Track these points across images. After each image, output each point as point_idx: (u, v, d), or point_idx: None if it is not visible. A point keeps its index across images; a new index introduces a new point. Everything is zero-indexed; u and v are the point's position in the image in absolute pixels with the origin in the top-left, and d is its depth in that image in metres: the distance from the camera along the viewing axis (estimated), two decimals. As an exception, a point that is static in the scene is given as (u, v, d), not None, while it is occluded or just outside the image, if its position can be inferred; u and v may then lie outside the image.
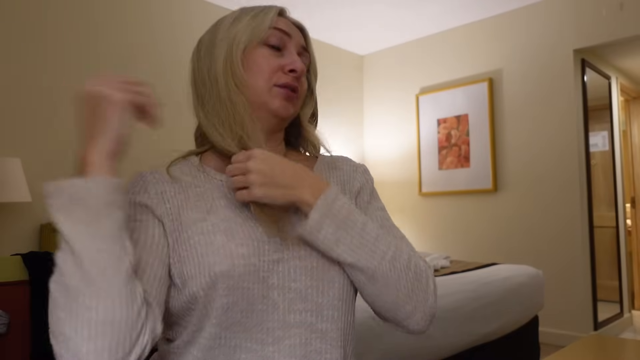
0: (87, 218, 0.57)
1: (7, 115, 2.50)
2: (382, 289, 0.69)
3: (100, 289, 0.56)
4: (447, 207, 4.03)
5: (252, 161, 0.68)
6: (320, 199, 0.69)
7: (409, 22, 3.98)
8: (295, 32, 0.80)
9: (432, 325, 1.90)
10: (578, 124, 3.44)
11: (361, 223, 0.70)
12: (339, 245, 0.68)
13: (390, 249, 0.70)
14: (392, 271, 0.69)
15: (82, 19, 2.83)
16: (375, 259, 0.69)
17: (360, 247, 0.68)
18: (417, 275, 0.71)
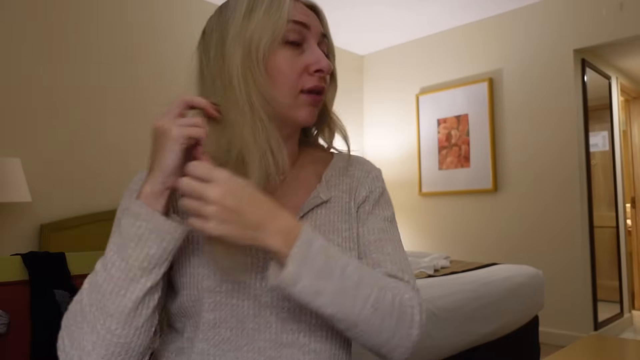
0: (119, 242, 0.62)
1: (7, 115, 2.50)
2: (363, 333, 0.63)
3: (126, 323, 0.60)
4: (447, 207, 4.02)
5: (213, 189, 0.57)
6: (295, 247, 0.59)
7: (409, 23, 3.98)
8: (312, 19, 0.72)
9: (432, 325, 1.91)
10: (578, 124, 3.44)
11: (341, 268, 0.61)
12: (318, 297, 0.60)
13: (373, 291, 0.63)
14: (374, 316, 0.62)
15: (82, 19, 2.83)
16: (356, 307, 0.61)
17: (341, 296, 0.60)
18: (401, 312, 0.65)
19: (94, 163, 2.77)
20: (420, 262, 2.73)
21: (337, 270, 0.61)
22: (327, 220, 0.73)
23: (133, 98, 2.98)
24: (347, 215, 0.75)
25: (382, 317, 0.63)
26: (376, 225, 0.75)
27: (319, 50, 0.71)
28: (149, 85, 3.05)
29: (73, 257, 1.59)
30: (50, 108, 2.66)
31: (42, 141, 2.62)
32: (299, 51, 0.70)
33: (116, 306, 0.59)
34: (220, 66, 0.68)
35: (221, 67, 0.68)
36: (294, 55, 0.69)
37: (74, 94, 2.75)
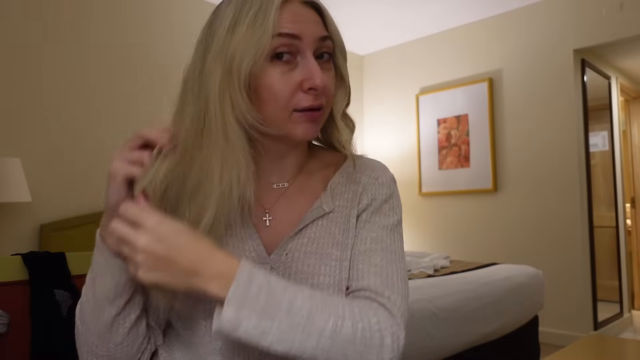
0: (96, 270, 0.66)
1: (7, 115, 2.50)
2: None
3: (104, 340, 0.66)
4: (447, 207, 4.02)
5: (140, 236, 0.55)
6: (231, 290, 0.55)
7: (409, 22, 3.97)
8: (306, 22, 0.65)
9: (432, 325, 1.91)
10: (578, 124, 3.44)
11: (287, 302, 0.56)
12: (266, 337, 0.55)
13: (329, 321, 0.57)
14: (334, 346, 0.57)
15: (82, 20, 2.83)
16: (311, 341, 0.56)
17: (290, 333, 0.56)
18: (366, 339, 0.59)
19: (94, 163, 2.77)
20: (420, 262, 2.73)
21: (283, 307, 0.56)
22: (327, 233, 0.70)
23: (133, 98, 2.98)
24: (347, 225, 0.71)
25: (344, 347, 0.58)
26: (370, 234, 0.70)
27: (314, 63, 0.64)
28: (149, 85, 3.05)
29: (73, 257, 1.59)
30: (50, 108, 2.66)
31: (42, 141, 2.62)
32: (291, 66, 0.64)
33: (94, 325, 0.65)
34: (199, 84, 0.63)
35: (200, 85, 0.63)
36: (284, 71, 0.63)
37: (74, 94, 2.75)
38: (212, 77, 0.62)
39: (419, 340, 1.85)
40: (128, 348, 0.66)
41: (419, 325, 1.87)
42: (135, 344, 0.66)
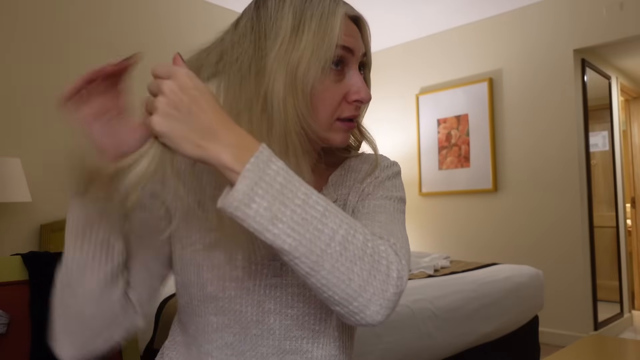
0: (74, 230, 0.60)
1: (7, 115, 2.50)
2: (329, 279, 0.53)
3: (77, 291, 0.60)
4: (447, 207, 4.02)
5: (168, 82, 0.52)
6: (250, 163, 0.51)
7: (409, 22, 3.98)
8: (356, 37, 0.67)
9: (432, 325, 1.91)
10: (578, 124, 3.44)
11: (303, 194, 0.53)
12: (276, 224, 0.51)
13: (341, 227, 0.54)
14: (342, 257, 0.53)
15: (83, 19, 2.83)
16: (321, 241, 0.52)
17: (303, 226, 0.52)
18: (374, 260, 0.55)
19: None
20: (420, 262, 2.73)
21: (299, 196, 0.52)
22: None
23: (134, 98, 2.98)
24: (349, 210, 0.72)
25: (352, 260, 0.54)
26: (373, 202, 0.69)
27: (360, 77, 0.67)
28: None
29: (73, 257, 1.58)
30: (50, 108, 2.66)
31: (42, 141, 2.62)
32: (340, 77, 0.66)
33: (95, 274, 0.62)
34: (257, 81, 0.62)
35: (258, 83, 0.62)
36: (334, 81, 0.65)
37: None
38: (275, 78, 0.61)
39: (419, 340, 1.85)
40: (119, 308, 0.63)
41: (419, 325, 1.87)
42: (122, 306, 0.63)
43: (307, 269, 0.53)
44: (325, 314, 0.68)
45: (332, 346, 0.69)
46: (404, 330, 1.81)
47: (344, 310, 0.56)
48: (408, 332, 1.82)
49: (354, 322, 0.56)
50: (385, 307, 0.56)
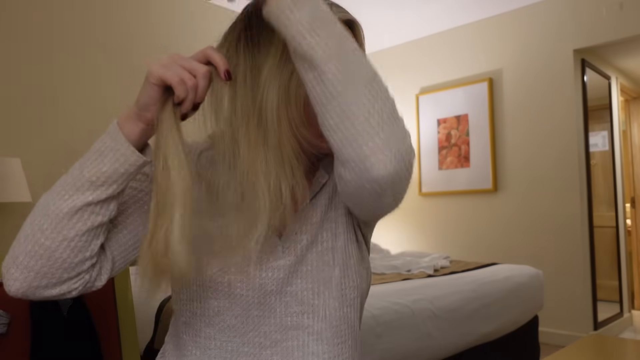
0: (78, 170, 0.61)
1: (7, 115, 2.50)
2: (350, 106, 0.53)
3: (57, 227, 0.59)
4: (447, 207, 4.03)
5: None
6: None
7: (409, 23, 3.98)
8: None
9: (432, 325, 1.91)
10: (578, 124, 3.44)
11: (340, 29, 0.56)
12: (313, 36, 0.54)
13: (370, 68, 0.57)
14: (367, 89, 0.54)
15: (83, 19, 2.83)
16: (351, 66, 0.54)
17: (337, 45, 0.54)
18: (393, 108, 0.56)
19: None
20: (420, 262, 2.73)
21: (338, 27, 0.56)
22: (327, 199, 0.73)
23: (134, 98, 2.98)
24: None
25: (375, 96, 0.55)
26: None
27: None
28: (149, 85, 3.05)
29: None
30: (50, 108, 2.66)
31: (42, 141, 2.62)
32: None
33: (54, 207, 0.59)
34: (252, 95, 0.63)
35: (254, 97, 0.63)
36: None
37: (74, 94, 2.75)
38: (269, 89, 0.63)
39: (419, 340, 1.85)
40: (73, 250, 0.60)
41: (419, 325, 1.87)
42: (80, 253, 0.60)
43: (332, 88, 0.53)
44: (323, 287, 0.69)
45: (330, 316, 0.69)
46: (404, 330, 1.81)
47: (357, 152, 0.54)
48: (408, 332, 1.82)
49: (364, 170, 0.54)
50: (399, 158, 0.54)
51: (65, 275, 0.60)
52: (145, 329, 1.89)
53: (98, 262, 0.64)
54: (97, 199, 0.59)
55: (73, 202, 0.59)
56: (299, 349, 0.67)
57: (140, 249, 0.61)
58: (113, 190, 0.60)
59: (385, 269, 2.58)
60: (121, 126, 0.61)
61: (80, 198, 0.59)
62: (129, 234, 0.68)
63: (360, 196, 0.58)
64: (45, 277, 0.59)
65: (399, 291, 1.98)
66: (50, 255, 0.59)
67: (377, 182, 0.54)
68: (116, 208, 0.63)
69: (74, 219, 0.59)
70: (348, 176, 0.56)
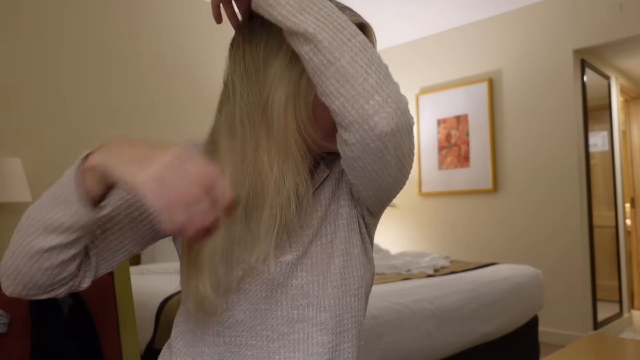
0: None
1: (7, 115, 2.50)
2: (348, 70, 0.56)
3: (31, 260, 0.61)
4: (447, 207, 4.03)
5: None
6: None
7: (409, 23, 3.98)
8: None
9: (432, 325, 1.91)
10: (577, 124, 3.45)
11: (329, 4, 0.59)
12: (303, 14, 0.57)
13: (359, 35, 0.59)
14: (362, 53, 0.57)
15: (83, 19, 2.83)
16: (343, 35, 0.57)
17: (328, 19, 0.57)
18: (386, 70, 0.59)
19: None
20: (420, 262, 2.73)
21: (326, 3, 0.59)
22: (329, 193, 0.74)
23: (134, 98, 2.98)
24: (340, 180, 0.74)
25: (370, 60, 0.57)
26: None
27: None
28: (150, 84, 3.05)
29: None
30: (50, 108, 2.66)
31: (42, 141, 2.62)
32: None
33: (28, 242, 0.60)
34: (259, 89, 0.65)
35: (260, 90, 0.65)
36: None
37: (74, 93, 2.75)
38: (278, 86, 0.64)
39: (419, 340, 1.85)
40: (51, 276, 0.62)
41: (419, 325, 1.87)
42: (58, 276, 0.63)
43: (329, 55, 0.56)
44: (326, 279, 0.70)
45: (333, 306, 0.70)
46: (404, 330, 1.81)
47: (360, 113, 0.56)
48: (408, 332, 1.82)
49: (368, 129, 0.56)
50: (399, 114, 0.57)
51: (50, 287, 0.64)
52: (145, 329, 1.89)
53: (81, 270, 0.67)
54: (64, 242, 0.60)
55: (41, 244, 0.59)
56: (304, 340, 0.68)
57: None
58: (78, 235, 0.60)
59: (385, 269, 2.58)
60: (84, 174, 0.57)
61: (47, 240, 0.59)
62: (116, 241, 0.69)
63: (364, 159, 0.60)
64: (33, 289, 0.64)
65: (399, 291, 1.98)
66: (31, 280, 0.62)
67: (380, 139, 0.57)
68: (89, 238, 0.64)
69: (44, 256, 0.60)
70: (353, 138, 0.58)
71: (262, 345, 0.68)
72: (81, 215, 0.58)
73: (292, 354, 0.68)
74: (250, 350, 0.68)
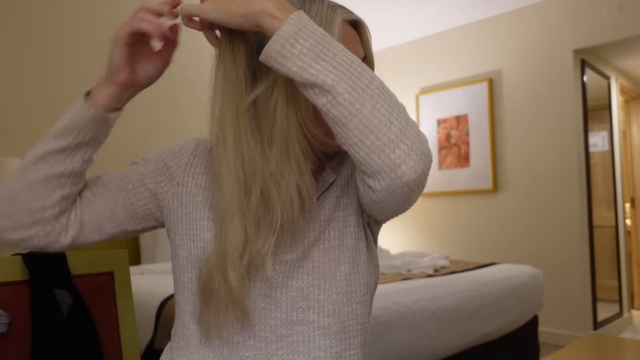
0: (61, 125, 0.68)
1: (7, 115, 2.50)
2: (372, 120, 0.55)
3: (23, 174, 0.66)
4: (447, 207, 4.03)
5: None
6: (294, 14, 0.57)
7: (409, 23, 3.98)
8: (354, 43, 0.71)
9: (432, 325, 1.91)
10: (578, 124, 3.45)
11: (341, 47, 0.58)
12: (319, 62, 0.55)
13: (376, 78, 0.59)
14: (382, 99, 0.56)
15: (84, 19, 2.83)
16: (361, 82, 0.56)
17: (344, 65, 0.56)
18: (406, 113, 0.59)
19: (93, 163, 2.77)
20: (420, 262, 2.73)
21: (337, 46, 0.58)
22: (334, 199, 0.74)
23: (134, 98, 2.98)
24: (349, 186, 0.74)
25: (390, 105, 0.57)
26: None
27: None
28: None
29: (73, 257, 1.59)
30: (50, 108, 2.66)
31: (42, 141, 2.62)
32: None
33: (24, 159, 0.67)
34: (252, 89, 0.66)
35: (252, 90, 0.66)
36: None
37: (74, 93, 2.75)
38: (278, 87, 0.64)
39: (419, 340, 1.85)
40: (33, 196, 0.65)
41: (419, 325, 1.87)
42: (40, 199, 0.66)
43: (350, 107, 0.55)
44: (329, 283, 0.69)
45: (337, 312, 0.69)
46: (404, 330, 1.81)
47: (386, 162, 0.56)
48: (408, 332, 1.82)
49: (395, 178, 0.56)
50: (423, 161, 0.57)
51: (26, 219, 0.66)
52: (145, 329, 1.89)
53: (63, 218, 0.69)
54: (55, 148, 0.66)
55: (36, 151, 0.66)
56: (304, 343, 0.68)
57: None
58: (72, 140, 0.67)
59: (385, 268, 2.58)
60: (94, 92, 0.68)
61: (43, 147, 0.66)
62: (105, 205, 0.72)
63: (388, 201, 0.61)
64: (9, 219, 0.66)
65: (399, 291, 1.98)
66: (14, 197, 0.65)
67: (408, 186, 0.57)
68: (83, 164, 0.69)
69: (37, 166, 0.66)
70: (379, 186, 0.58)
71: (260, 347, 0.68)
72: (86, 110, 0.67)
73: (291, 357, 0.67)
74: (248, 351, 0.68)
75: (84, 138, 0.68)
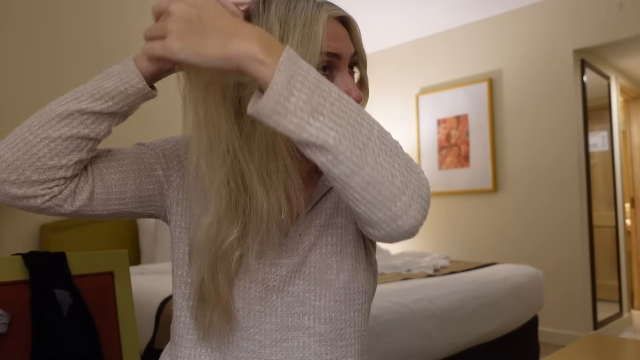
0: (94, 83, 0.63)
1: (7, 116, 2.50)
2: (374, 176, 0.51)
3: (44, 126, 0.61)
4: (447, 207, 4.03)
5: (174, 3, 0.51)
6: (283, 56, 0.48)
7: (409, 23, 3.98)
8: (343, 40, 0.66)
9: (432, 325, 1.91)
10: (577, 124, 3.45)
11: (336, 90, 0.52)
12: (317, 117, 0.49)
13: (375, 123, 0.54)
14: (382, 151, 0.52)
15: (84, 19, 2.83)
16: (362, 135, 0.51)
17: (343, 118, 0.50)
18: (407, 157, 0.55)
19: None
20: (420, 262, 2.73)
21: (334, 90, 0.51)
22: (333, 204, 0.73)
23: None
24: None
25: (391, 156, 0.53)
26: None
27: (350, 79, 0.67)
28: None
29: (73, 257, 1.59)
30: (50, 108, 2.66)
31: (42, 141, 2.62)
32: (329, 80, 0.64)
33: (49, 109, 0.63)
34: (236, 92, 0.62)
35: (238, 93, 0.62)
36: None
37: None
38: None
39: (419, 340, 1.85)
40: (49, 152, 0.61)
41: (419, 325, 1.87)
42: (57, 157, 0.61)
43: (352, 165, 0.50)
44: (325, 290, 0.69)
45: (334, 319, 0.69)
46: (404, 330, 1.81)
47: (387, 215, 0.53)
48: (408, 332, 1.82)
49: (396, 228, 0.54)
50: (423, 208, 0.55)
51: (35, 176, 0.61)
52: (145, 329, 1.89)
53: (72, 183, 0.64)
54: (90, 110, 0.61)
55: (67, 107, 0.61)
56: (299, 349, 0.68)
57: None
58: (108, 106, 0.61)
59: (385, 268, 2.58)
60: (137, 61, 0.62)
61: (75, 105, 0.61)
62: (116, 179, 0.68)
63: (386, 241, 0.60)
64: (15, 172, 0.60)
65: (399, 291, 1.98)
66: (28, 150, 0.60)
67: (409, 233, 0.56)
68: (106, 133, 0.64)
69: (62, 122, 0.61)
70: (378, 234, 0.57)
71: (253, 350, 0.67)
72: (131, 78, 0.61)
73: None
74: (242, 353, 0.68)
75: (122, 108, 0.62)
